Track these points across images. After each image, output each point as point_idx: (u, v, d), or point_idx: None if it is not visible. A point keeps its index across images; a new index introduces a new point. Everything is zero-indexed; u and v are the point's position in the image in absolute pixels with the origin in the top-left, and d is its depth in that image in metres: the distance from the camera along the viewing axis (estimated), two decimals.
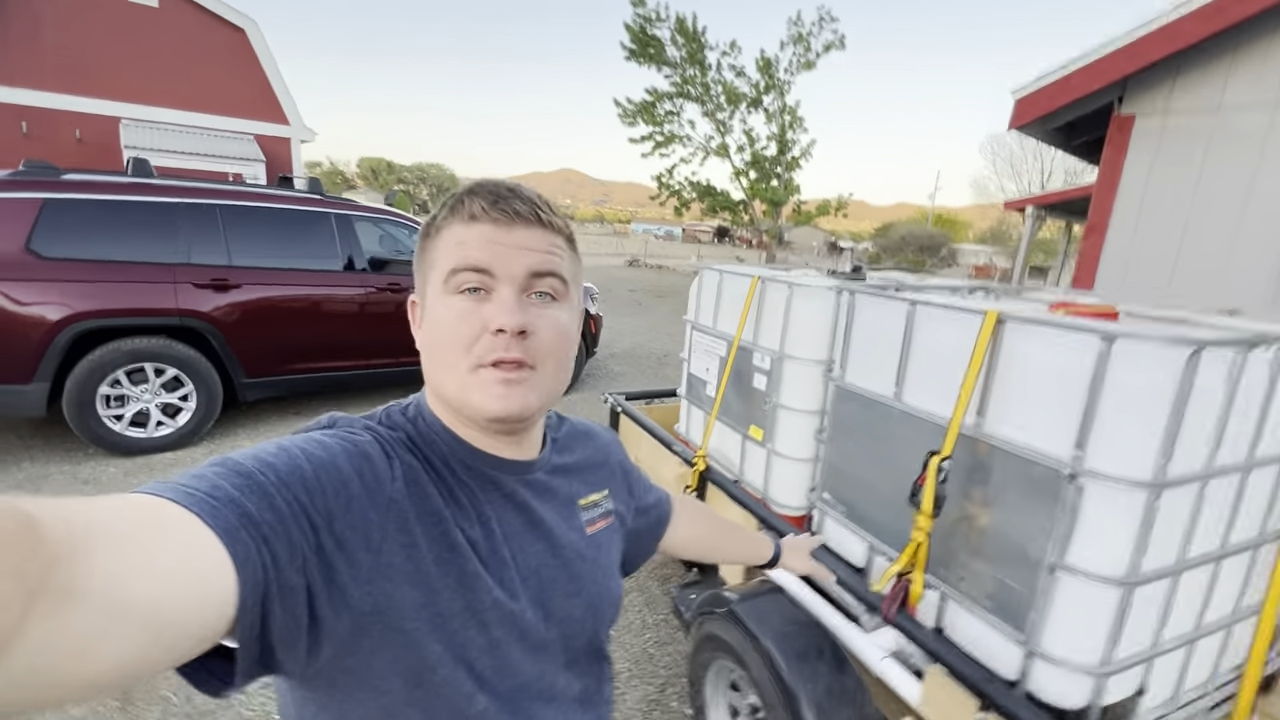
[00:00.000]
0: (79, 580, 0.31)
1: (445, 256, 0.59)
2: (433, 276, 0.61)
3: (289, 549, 0.45)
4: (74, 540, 0.31)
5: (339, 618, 0.49)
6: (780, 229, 17.16)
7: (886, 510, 1.75)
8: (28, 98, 8.94)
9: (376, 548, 0.52)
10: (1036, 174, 26.94)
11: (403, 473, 0.56)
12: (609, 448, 0.85)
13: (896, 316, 1.71)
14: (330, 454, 0.52)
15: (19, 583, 0.27)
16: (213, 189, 4.25)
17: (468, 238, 0.59)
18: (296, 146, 11.54)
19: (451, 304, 0.59)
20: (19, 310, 3.50)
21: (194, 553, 0.39)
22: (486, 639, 0.58)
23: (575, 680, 0.69)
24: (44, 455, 3.86)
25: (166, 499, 0.41)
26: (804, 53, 15.36)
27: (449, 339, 0.58)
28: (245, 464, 0.47)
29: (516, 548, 0.63)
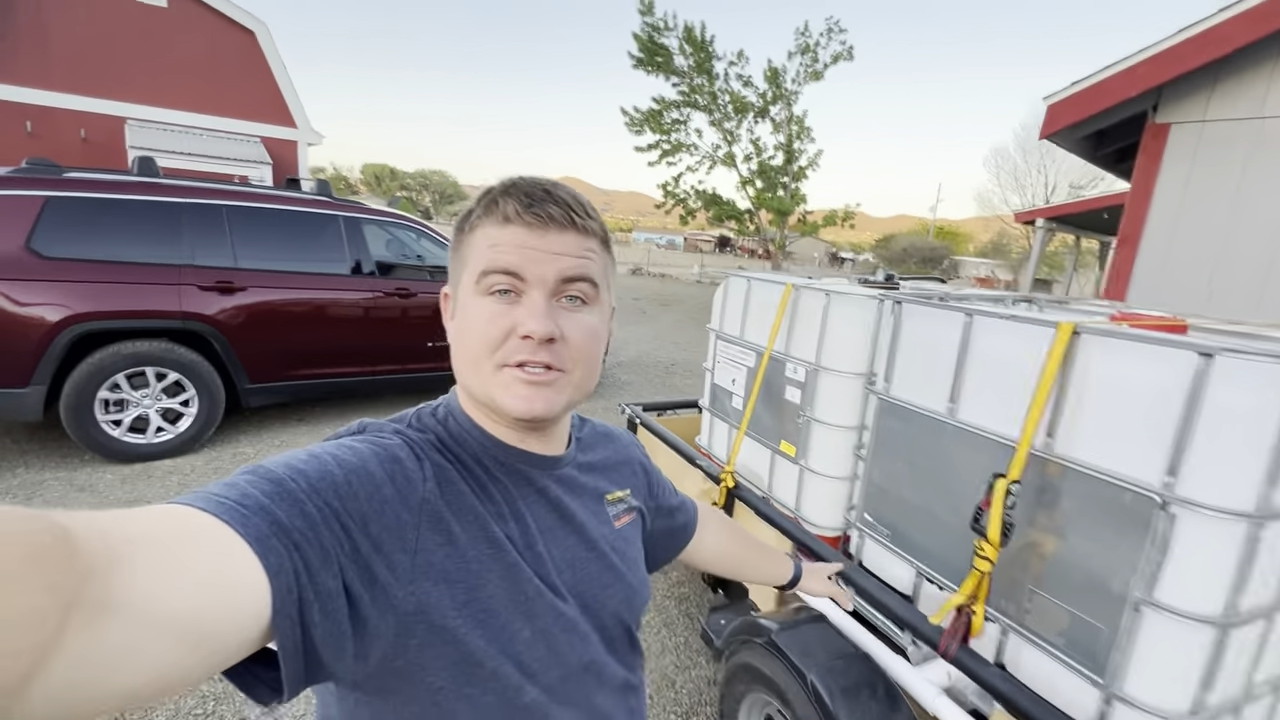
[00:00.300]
0: (115, 593, 0.31)
1: (478, 256, 0.60)
2: (465, 274, 0.61)
3: (322, 554, 0.45)
4: (110, 553, 0.32)
5: (384, 619, 0.49)
6: (786, 239, 17.07)
7: (938, 535, 1.64)
8: (33, 96, 8.85)
9: (413, 548, 0.52)
10: (1040, 187, 26.93)
11: (434, 473, 0.57)
12: (630, 448, 0.86)
13: (950, 327, 1.60)
14: (361, 459, 0.52)
15: (55, 596, 0.27)
16: (219, 189, 4.16)
17: (501, 239, 0.59)
18: (303, 150, 11.47)
19: (482, 305, 0.59)
20: (17, 311, 3.39)
21: (226, 562, 0.39)
22: (531, 630, 0.59)
23: (616, 669, 0.71)
24: (40, 461, 3.74)
25: (198, 509, 0.41)
26: (811, 63, 15.33)
27: (478, 339, 0.59)
28: (276, 471, 0.47)
29: (551, 541, 0.64)
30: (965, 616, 1.41)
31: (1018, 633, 1.43)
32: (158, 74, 9.77)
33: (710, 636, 1.97)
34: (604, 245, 0.66)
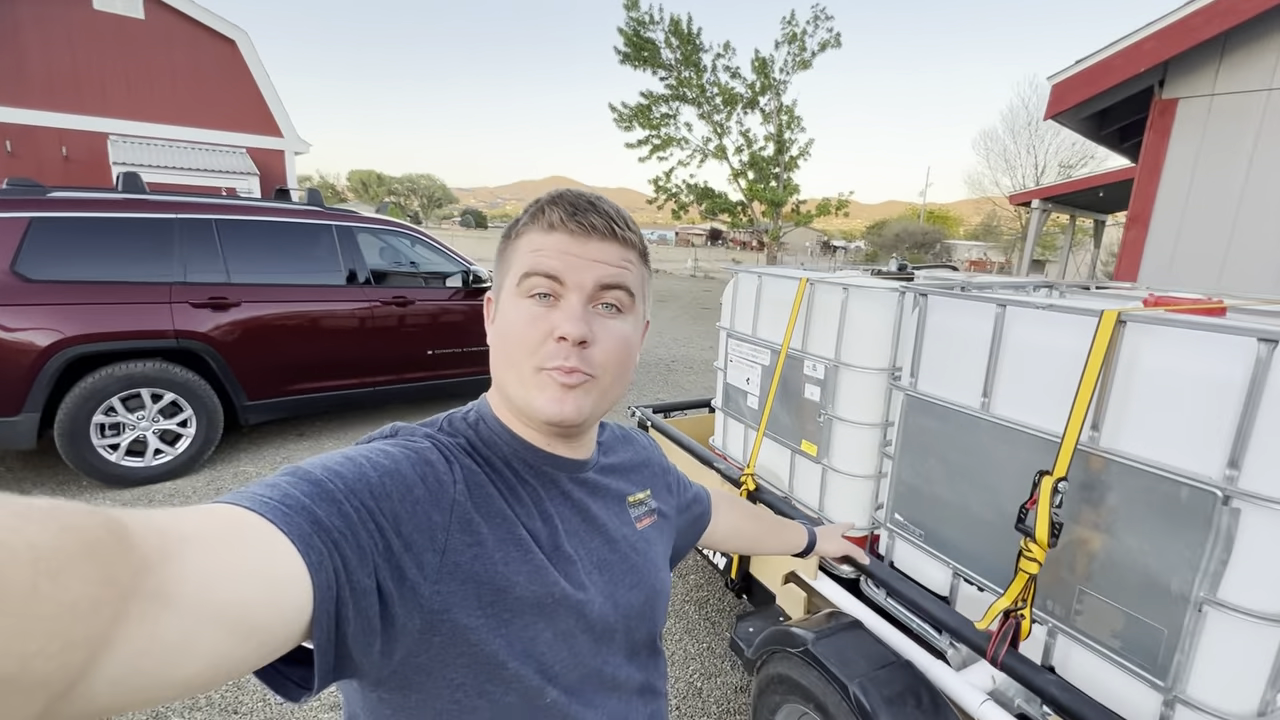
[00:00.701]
0: (171, 585, 0.32)
1: (521, 260, 0.63)
2: (508, 278, 0.64)
3: (358, 553, 0.46)
4: (165, 548, 0.33)
5: (411, 617, 0.50)
6: (780, 229, 17.00)
7: (976, 534, 1.58)
8: (11, 115, 8.67)
9: (441, 548, 0.53)
10: (1030, 168, 26.86)
11: (463, 476, 0.58)
12: (649, 450, 0.88)
13: (981, 319, 1.54)
14: (394, 461, 0.54)
15: (112, 588, 0.29)
16: (209, 203, 4.06)
17: (544, 245, 0.62)
18: (290, 159, 11.31)
19: (522, 306, 0.62)
20: (5, 337, 3.30)
21: (272, 558, 0.40)
22: (553, 632, 0.60)
23: (637, 672, 0.71)
24: (35, 489, 3.65)
25: (244, 508, 0.42)
26: (799, 52, 15.25)
27: (517, 340, 0.61)
28: (315, 473, 0.49)
29: (577, 543, 0.65)
30: (1013, 620, 1.35)
31: (1067, 634, 1.38)
32: (138, 88, 9.60)
33: (740, 646, 1.91)
34: (642, 258, 0.68)
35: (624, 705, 0.69)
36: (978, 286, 1.91)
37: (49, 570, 0.26)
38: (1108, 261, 19.38)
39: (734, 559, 2.22)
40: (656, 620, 0.76)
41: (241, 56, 10.44)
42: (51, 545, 0.27)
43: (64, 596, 0.27)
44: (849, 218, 19.66)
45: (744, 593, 2.27)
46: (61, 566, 0.27)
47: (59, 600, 0.26)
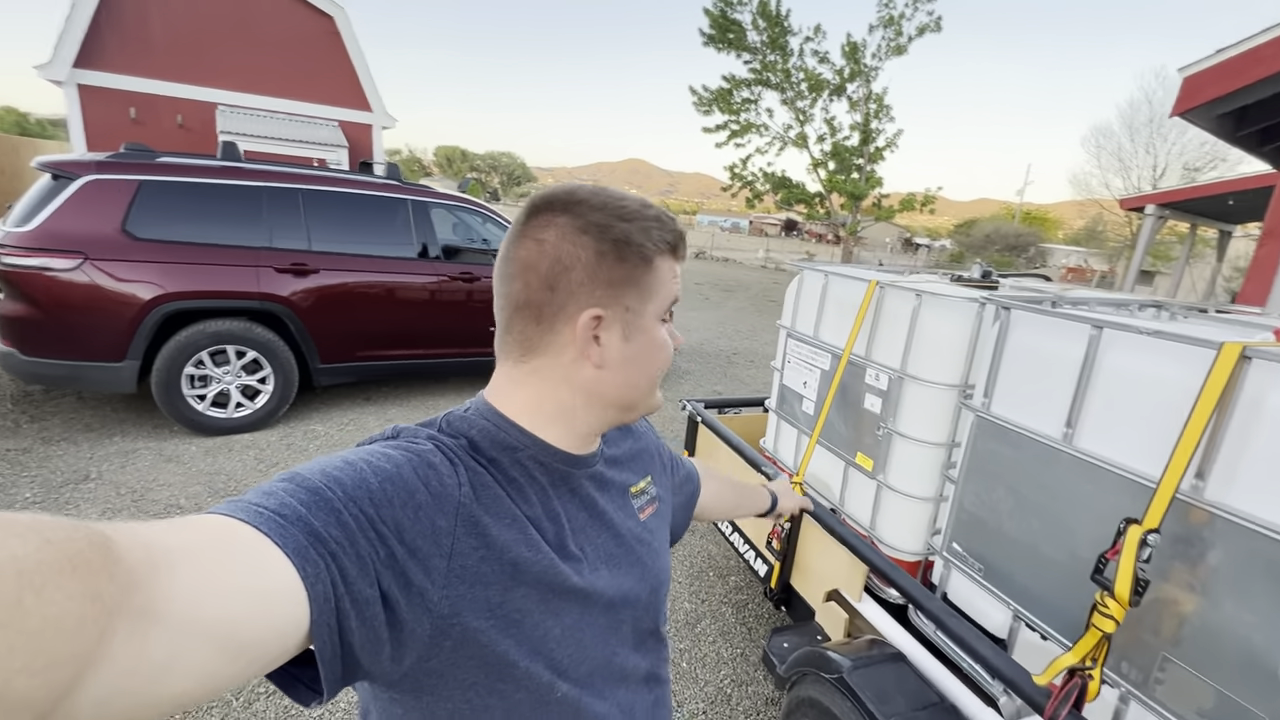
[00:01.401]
0: (158, 602, 0.32)
1: (667, 289, 0.66)
2: (653, 304, 0.65)
3: (358, 563, 0.45)
4: (152, 563, 0.32)
5: (420, 623, 0.50)
6: (859, 223, 16.30)
7: (1044, 577, 1.43)
8: (136, 84, 9.48)
9: (448, 552, 0.52)
10: (1147, 169, 24.41)
11: (468, 478, 0.57)
12: (646, 435, 0.88)
13: (1071, 340, 1.38)
14: (396, 466, 0.53)
15: (97, 604, 0.28)
16: (295, 173, 4.27)
17: (679, 273, 0.69)
18: (378, 133, 11.80)
19: (662, 331, 0.67)
20: (114, 289, 3.60)
21: (264, 573, 0.40)
22: (562, 628, 0.60)
23: (642, 661, 0.72)
24: (134, 431, 4.00)
25: (237, 519, 0.41)
26: (895, 37, 14.44)
27: (663, 360, 0.68)
28: (313, 480, 0.48)
29: (584, 539, 0.65)
30: (1079, 680, 1.21)
31: (1143, 703, 1.23)
32: (246, 60, 10.25)
33: (773, 661, 1.83)
34: None
35: (631, 694, 0.70)
36: (1071, 302, 1.72)
37: (33, 585, 0.26)
38: (1231, 278, 17.49)
39: (774, 567, 2.14)
40: (660, 609, 0.77)
41: (339, 32, 10.93)
42: (35, 559, 0.26)
43: (48, 611, 0.26)
44: (935, 214, 18.63)
45: (783, 604, 2.19)
46: (46, 581, 0.26)
47: (43, 615, 0.26)
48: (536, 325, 0.62)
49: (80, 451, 3.65)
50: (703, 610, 2.78)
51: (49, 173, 3.65)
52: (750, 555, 2.36)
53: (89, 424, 4.04)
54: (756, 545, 2.30)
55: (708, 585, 2.98)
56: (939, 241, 54.16)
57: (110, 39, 9.26)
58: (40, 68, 9.03)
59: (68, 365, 3.63)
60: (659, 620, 0.77)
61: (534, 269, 0.61)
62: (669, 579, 0.80)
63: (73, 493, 3.21)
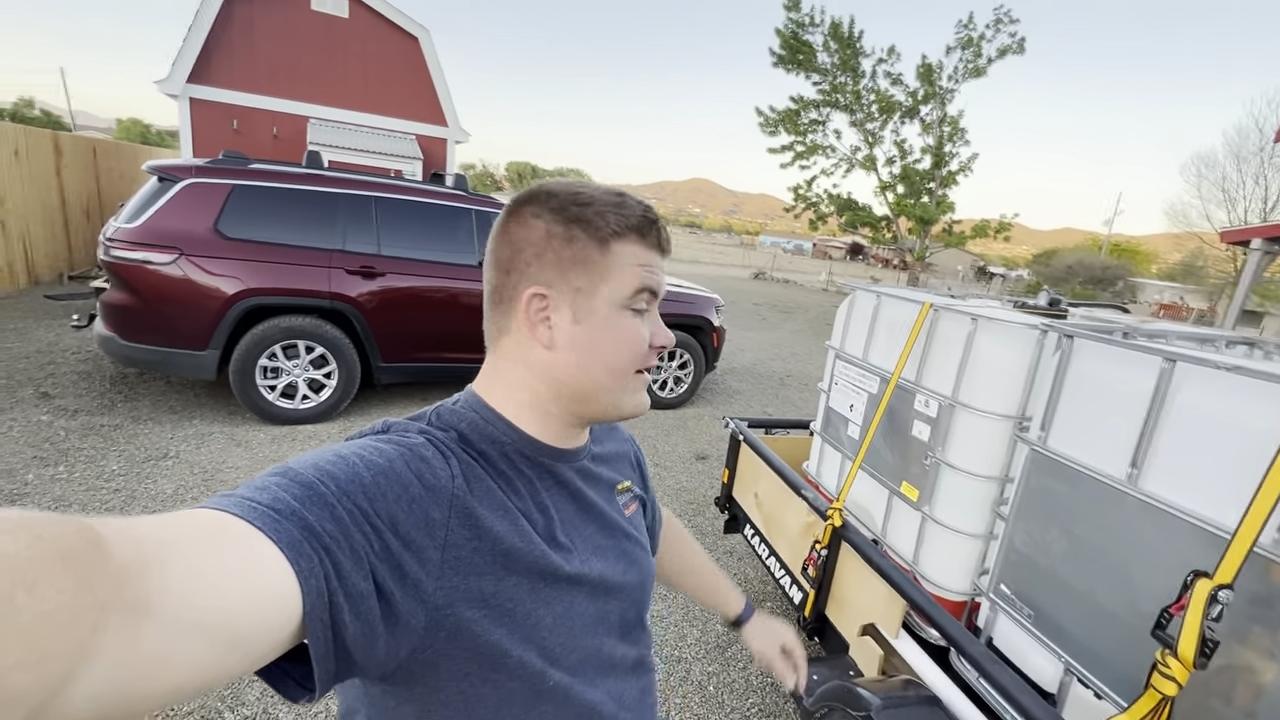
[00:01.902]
0: (151, 596, 0.32)
1: (629, 274, 0.64)
2: (606, 286, 0.63)
3: (353, 556, 0.46)
4: (144, 557, 0.33)
5: (416, 614, 0.50)
6: (927, 249, 15.74)
7: (1100, 628, 1.32)
8: (239, 98, 10.38)
9: (442, 543, 0.53)
10: (1256, 200, 22.47)
11: (461, 470, 0.58)
12: (628, 442, 0.88)
13: (1140, 373, 1.28)
14: (388, 459, 0.53)
15: (89, 598, 0.28)
16: (369, 181, 4.52)
17: (651, 262, 0.66)
18: (451, 147, 12.38)
19: (631, 321, 0.65)
20: (203, 283, 3.89)
21: (257, 566, 0.40)
22: (553, 617, 0.61)
23: (629, 649, 0.73)
24: (210, 415, 4.29)
25: (231, 514, 0.42)
26: (974, 58, 13.97)
27: (632, 353, 0.65)
28: (306, 474, 0.48)
29: (573, 530, 0.66)
30: None
31: None
32: (336, 77, 11.01)
33: (799, 693, 1.75)
34: None
35: (620, 683, 0.71)
36: (1145, 334, 1.59)
37: (25, 580, 0.26)
38: None
39: (809, 596, 2.06)
40: (645, 599, 0.78)
41: (421, 52, 11.58)
42: (26, 555, 0.26)
43: (41, 607, 0.26)
44: (1015, 243, 17.75)
45: (816, 635, 2.10)
46: (38, 577, 0.26)
47: (36, 611, 0.26)
48: (497, 308, 0.66)
49: (163, 431, 3.95)
50: (734, 635, 2.71)
51: (156, 175, 4.01)
52: (786, 581, 2.28)
53: (173, 406, 4.36)
54: (792, 570, 2.23)
55: None
56: (1015, 271, 51.57)
57: (219, 57, 10.16)
58: (159, 82, 10.00)
59: (159, 351, 3.94)
60: (643, 611, 0.77)
61: (497, 255, 0.65)
62: (654, 573, 0.82)
63: (153, 469, 3.46)
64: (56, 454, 3.47)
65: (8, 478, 3.17)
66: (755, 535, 2.55)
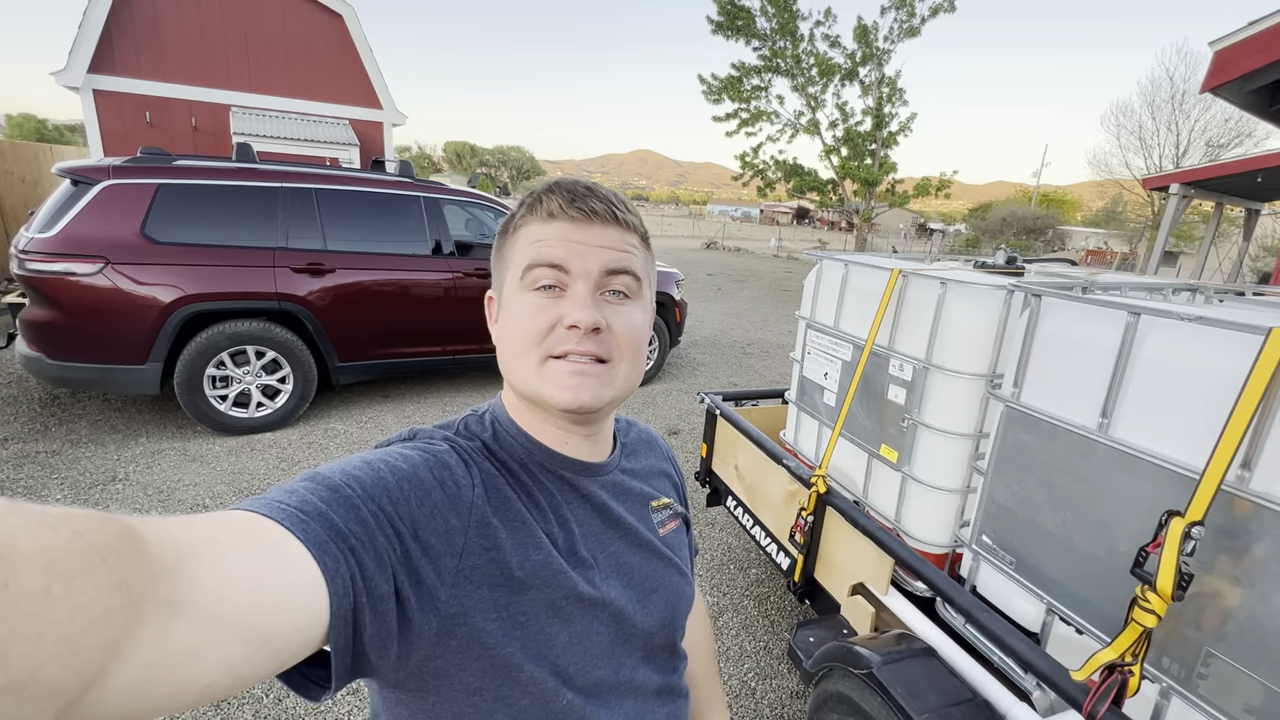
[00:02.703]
0: (184, 592, 0.32)
1: (522, 253, 0.61)
2: (510, 274, 0.62)
3: (376, 559, 0.46)
4: (179, 555, 0.33)
5: (428, 621, 0.50)
6: (873, 210, 16.09)
7: (1079, 570, 1.40)
8: (150, 88, 9.57)
9: (459, 551, 0.53)
10: (1170, 147, 23.80)
11: (481, 480, 0.57)
12: (670, 460, 0.86)
13: (1106, 327, 1.34)
14: (412, 465, 0.53)
15: (125, 593, 0.28)
16: (309, 173, 4.28)
17: (545, 235, 0.60)
18: (388, 130, 11.81)
19: (527, 300, 0.60)
20: (135, 293, 3.64)
21: (288, 565, 0.40)
22: (569, 635, 0.59)
23: (654, 674, 0.70)
24: (159, 432, 4.06)
25: (260, 514, 0.42)
26: (907, 18, 14.17)
27: (523, 333, 0.59)
28: (333, 478, 0.48)
29: (596, 546, 0.64)
30: (1119, 676, 1.19)
31: (1185, 699, 1.20)
32: (257, 62, 10.30)
33: (799, 655, 1.81)
34: (644, 242, 0.67)
35: (640, 706, 0.68)
36: (1103, 287, 1.67)
37: (61, 575, 0.26)
38: (1259, 257, 17.02)
39: (798, 561, 2.12)
40: (677, 623, 0.73)
41: (348, 31, 10.94)
42: (64, 550, 0.27)
43: (77, 601, 0.26)
44: (952, 199, 18.33)
45: (807, 597, 2.17)
46: (75, 571, 0.27)
47: (72, 605, 0.26)
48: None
49: (108, 453, 3.72)
50: (724, 604, 2.78)
51: (68, 178, 3.69)
52: (772, 549, 2.34)
53: (115, 426, 4.10)
54: (779, 538, 2.29)
55: (729, 578, 2.97)
56: (954, 226, 53.36)
57: (123, 44, 9.34)
58: (56, 74, 9.14)
59: (93, 368, 3.69)
60: (675, 634, 0.73)
61: None
62: (692, 596, 0.76)
63: (101, 493, 3.26)
64: None
65: None
66: (738, 506, 2.60)
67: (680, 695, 0.76)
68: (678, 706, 0.75)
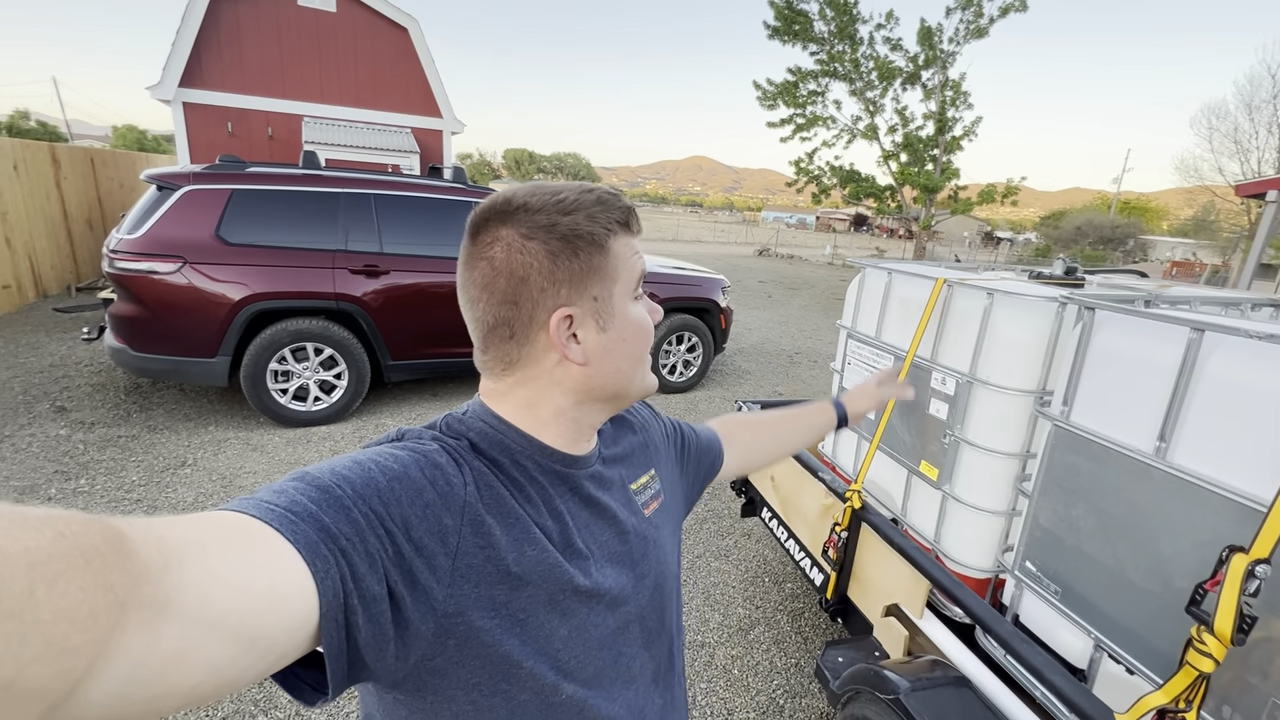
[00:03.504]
0: (170, 594, 0.32)
1: (629, 265, 0.65)
2: (618, 286, 0.64)
3: (367, 559, 0.46)
4: (165, 556, 0.33)
5: (425, 620, 0.50)
6: (933, 217, 15.51)
7: (1131, 604, 1.30)
8: (232, 100, 10.30)
9: (454, 551, 0.53)
10: (1270, 150, 21.94)
11: (473, 477, 0.57)
12: (647, 426, 0.85)
13: (1165, 344, 1.24)
14: (403, 465, 0.53)
15: (110, 595, 0.28)
16: (369, 179, 4.48)
17: (639, 248, 0.67)
18: (448, 138, 12.24)
19: (640, 309, 0.66)
20: (208, 290, 3.90)
21: (275, 567, 0.40)
22: (569, 628, 0.60)
23: (649, 660, 0.71)
24: (225, 421, 4.32)
25: (250, 515, 0.42)
26: (974, 19, 13.63)
27: (645, 340, 0.66)
28: (323, 478, 0.48)
29: (589, 537, 0.65)
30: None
31: None
32: (327, 74, 10.90)
33: (826, 675, 1.76)
34: None
35: (640, 697, 0.69)
36: (1170, 301, 1.56)
37: (45, 576, 0.26)
38: None
39: (831, 577, 2.05)
40: (667, 604, 0.75)
41: (412, 43, 11.42)
42: (48, 551, 0.27)
43: (61, 603, 0.26)
44: (1022, 206, 17.46)
45: (839, 616, 2.10)
46: (59, 573, 0.27)
47: (56, 607, 0.26)
48: (511, 341, 0.62)
49: (179, 439, 3.98)
50: (757, 617, 2.72)
51: (155, 184, 3.99)
52: (806, 563, 2.28)
53: (188, 414, 4.39)
54: (812, 553, 2.22)
55: (763, 591, 2.91)
56: (1023, 235, 50.88)
57: (209, 60, 10.06)
58: (151, 88, 9.92)
59: (169, 360, 3.96)
60: (666, 614, 0.75)
61: (492, 289, 0.61)
62: (677, 573, 0.80)
63: (172, 477, 3.50)
64: (77, 467, 3.51)
65: (31, 493, 3.21)
66: (773, 518, 2.55)
67: (675, 677, 0.78)
68: (676, 694, 0.78)
